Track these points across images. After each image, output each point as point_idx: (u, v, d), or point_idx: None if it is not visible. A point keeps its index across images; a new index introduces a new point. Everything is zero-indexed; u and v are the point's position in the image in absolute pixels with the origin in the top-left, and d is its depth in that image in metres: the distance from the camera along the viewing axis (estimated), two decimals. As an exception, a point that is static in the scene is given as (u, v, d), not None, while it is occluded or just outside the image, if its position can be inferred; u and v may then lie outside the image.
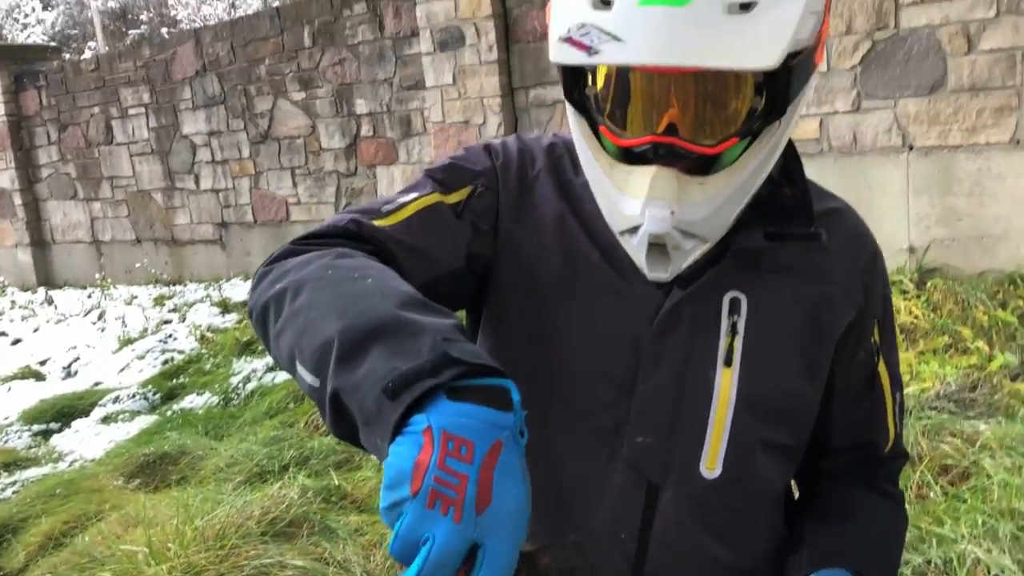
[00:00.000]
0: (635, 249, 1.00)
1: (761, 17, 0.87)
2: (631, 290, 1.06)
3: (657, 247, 0.98)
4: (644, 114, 0.94)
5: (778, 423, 1.10)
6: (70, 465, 5.15)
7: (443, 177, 1.11)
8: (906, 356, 4.43)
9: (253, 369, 6.09)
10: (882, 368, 1.18)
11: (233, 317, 8.04)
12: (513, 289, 1.10)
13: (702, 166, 0.96)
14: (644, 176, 0.94)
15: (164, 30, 24.09)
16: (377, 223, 1.04)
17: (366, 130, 8.23)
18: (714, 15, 0.86)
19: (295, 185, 8.88)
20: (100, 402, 6.15)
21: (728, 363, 1.05)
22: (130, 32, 26.55)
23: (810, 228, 1.06)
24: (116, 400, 6.11)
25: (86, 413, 6.05)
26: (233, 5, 25.80)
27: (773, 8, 0.88)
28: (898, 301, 5.03)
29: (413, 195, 1.09)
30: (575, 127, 1.02)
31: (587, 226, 1.09)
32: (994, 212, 5.16)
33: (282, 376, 5.92)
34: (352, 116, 8.29)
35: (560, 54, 0.93)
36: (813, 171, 4.49)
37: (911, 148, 5.36)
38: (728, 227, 1.01)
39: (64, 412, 6.11)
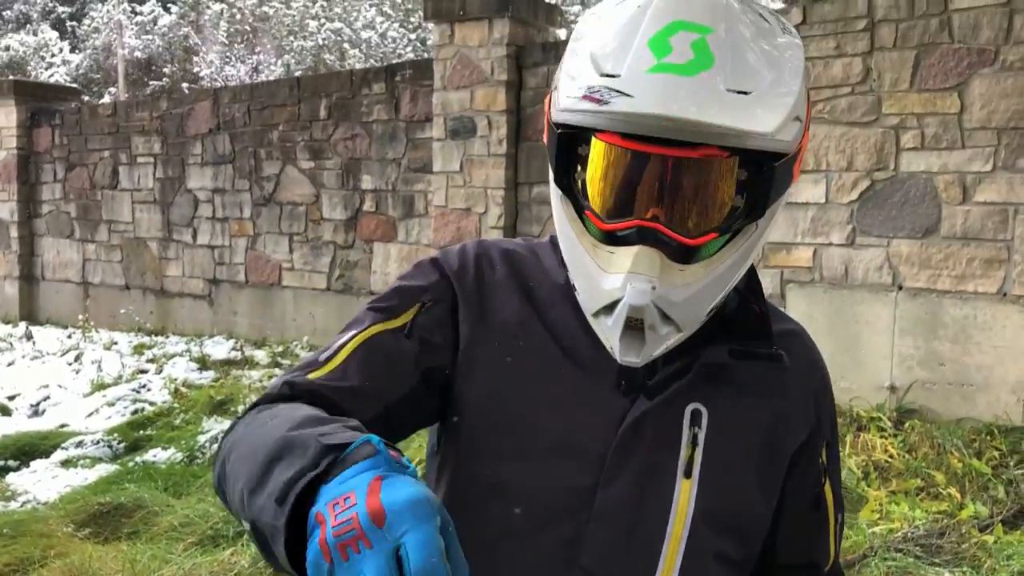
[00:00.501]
0: (609, 331, 1.01)
1: (758, 100, 0.94)
2: (597, 394, 1.08)
3: (632, 329, 0.99)
4: (630, 200, 0.98)
5: (731, 536, 1.12)
6: (22, 506, 5.03)
7: (386, 304, 1.14)
8: (877, 495, 4.41)
9: (222, 429, 5.99)
10: (827, 489, 1.21)
11: (210, 374, 7.97)
12: (475, 395, 1.10)
13: (681, 256, 0.99)
14: (627, 254, 0.98)
15: (185, 85, 24.56)
16: (312, 376, 1.07)
17: (369, 205, 8.33)
18: (718, 88, 0.93)
19: (291, 251, 8.93)
20: (63, 444, 6.04)
21: (688, 475, 1.07)
22: (151, 83, 27.05)
23: (771, 348, 1.10)
24: (79, 444, 6.00)
25: (47, 454, 5.93)
26: (256, 69, 26.39)
27: (768, 96, 0.95)
28: (874, 438, 5.03)
29: (350, 334, 1.11)
30: (560, 210, 1.06)
31: (552, 330, 1.11)
32: (977, 361, 5.20)
33: (251, 440, 5.84)
34: (357, 190, 8.40)
35: (572, 105, 0.97)
36: (803, 300, 4.57)
37: (900, 288, 5.44)
38: (701, 321, 1.04)
39: (25, 451, 5.99)
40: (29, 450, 6.00)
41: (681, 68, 0.93)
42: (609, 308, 1.00)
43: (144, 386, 7.50)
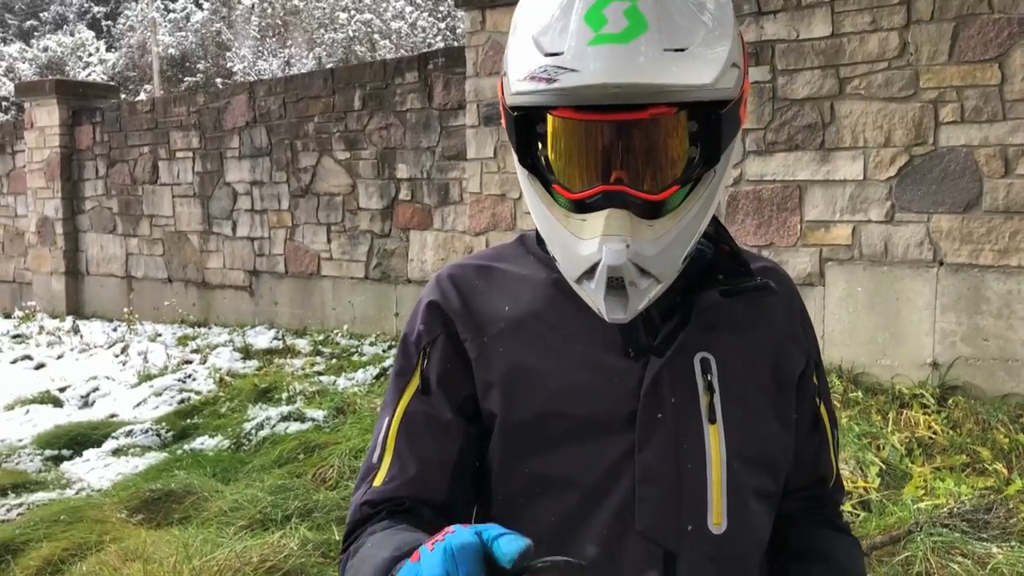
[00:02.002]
0: (593, 293, 1.06)
1: (694, 55, 1.00)
2: (610, 367, 1.12)
3: (614, 289, 1.04)
4: (593, 168, 1.04)
5: (763, 470, 1.17)
6: (77, 493, 5.16)
7: (399, 369, 1.20)
8: (922, 471, 4.38)
9: (267, 417, 6.11)
10: (823, 409, 1.28)
11: (253, 363, 8.09)
12: (497, 404, 1.14)
13: (649, 212, 1.05)
14: (598, 218, 1.03)
15: (219, 80, 24.79)
16: (377, 483, 1.15)
17: (404, 194, 8.39)
18: (654, 52, 0.98)
19: (329, 241, 9.02)
20: (113, 434, 6.18)
21: (712, 420, 1.12)
22: (186, 79, 27.35)
23: (756, 280, 1.16)
24: (129, 434, 6.14)
25: (98, 443, 6.07)
26: (288, 63, 26.56)
27: (703, 48, 1.01)
28: (918, 415, 5.00)
29: (386, 420, 1.18)
30: (528, 189, 1.11)
31: (548, 321, 1.16)
32: (1021, 336, 5.14)
33: (295, 426, 5.93)
34: (392, 179, 8.46)
35: (522, 87, 1.02)
36: (843, 277, 4.56)
37: (941, 264, 5.38)
38: (677, 269, 1.09)
39: (77, 440, 6.14)
40: (81, 440, 6.15)
41: (618, 37, 0.98)
42: (589, 272, 1.04)
43: (189, 376, 7.64)
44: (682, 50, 0.99)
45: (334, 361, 7.91)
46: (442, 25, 28.17)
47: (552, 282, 1.17)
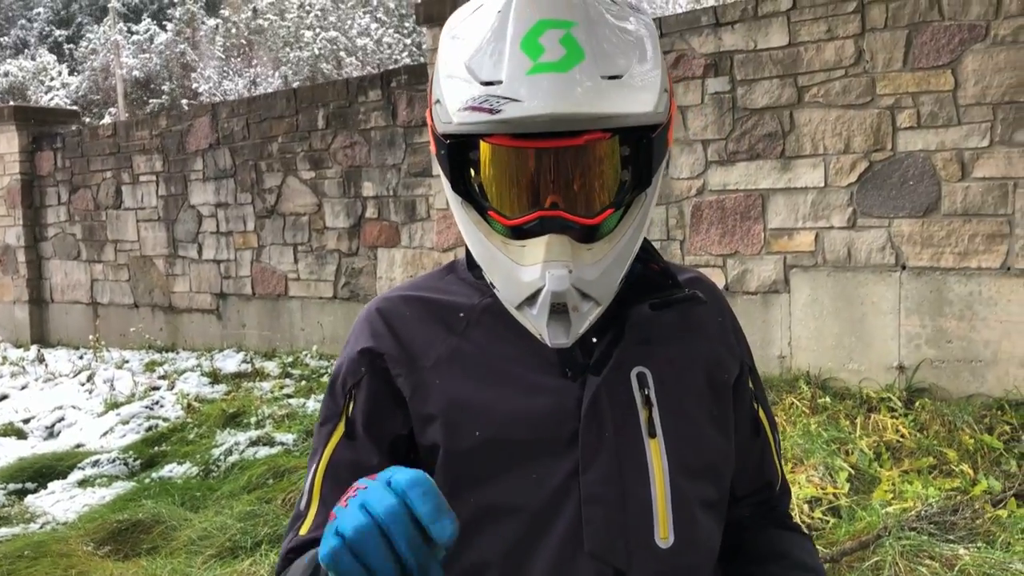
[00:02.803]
0: (535, 319, 1.06)
1: (629, 83, 1.01)
2: (548, 389, 1.12)
3: (557, 314, 1.04)
4: (529, 194, 1.04)
5: (707, 481, 1.18)
6: (42, 527, 5.07)
7: (326, 415, 1.19)
8: (890, 475, 4.41)
9: (236, 442, 6.04)
10: (761, 414, 1.30)
11: (222, 388, 8.01)
12: (437, 437, 1.13)
13: (584, 236, 1.06)
14: (539, 244, 1.04)
15: (184, 102, 24.64)
16: (303, 531, 1.14)
17: (371, 212, 8.36)
18: (594, 79, 0.99)
19: (296, 261, 8.97)
20: (79, 464, 6.08)
21: (652, 435, 1.12)
22: (151, 101, 27.15)
23: (684, 291, 1.18)
24: (96, 464, 6.05)
25: (64, 475, 5.97)
26: (254, 82, 26.46)
27: (638, 78, 1.03)
28: (885, 419, 5.03)
29: (312, 470, 1.18)
30: (462, 216, 1.11)
31: (483, 348, 1.15)
32: (984, 336, 5.20)
33: (264, 451, 5.88)
34: (359, 198, 8.43)
35: (465, 118, 1.01)
36: (807, 284, 4.61)
37: (904, 267, 5.44)
38: (615, 291, 1.10)
39: (42, 472, 6.03)
40: (46, 472, 6.05)
41: (557, 65, 0.98)
42: (531, 298, 1.05)
43: (157, 403, 7.54)
44: (618, 77, 1.00)
45: (303, 383, 7.85)
46: (408, 41, 28.21)
47: (484, 307, 1.17)
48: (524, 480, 1.10)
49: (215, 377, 8.34)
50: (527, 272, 1.03)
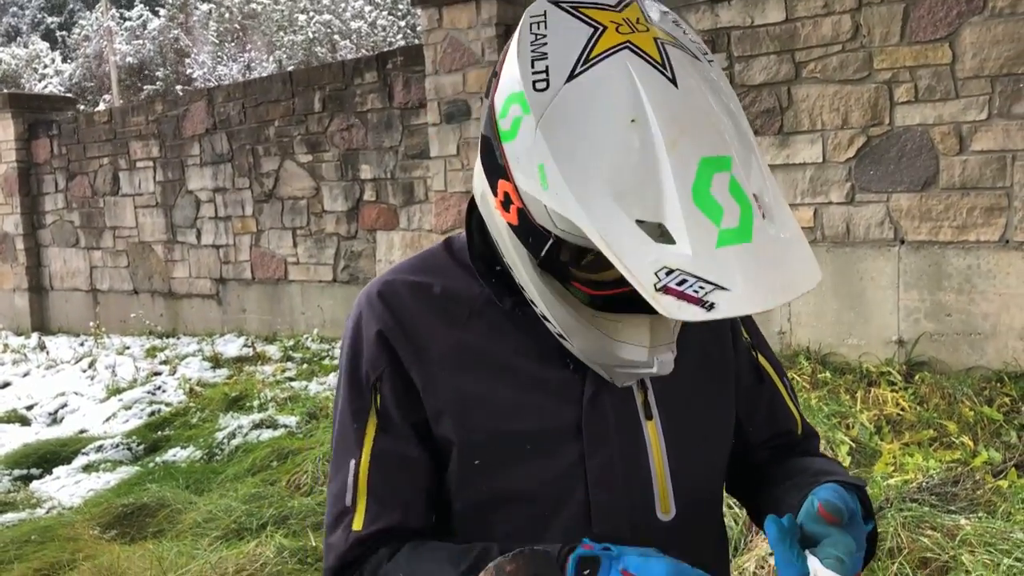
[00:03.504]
0: (615, 374, 1.09)
1: (793, 234, 0.93)
2: (551, 379, 1.14)
3: None
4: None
5: (708, 448, 1.21)
6: (47, 512, 5.10)
7: (354, 409, 1.16)
8: (891, 448, 4.44)
9: (239, 425, 6.06)
10: (762, 360, 1.30)
11: (223, 372, 8.03)
12: (448, 429, 1.14)
13: None
14: (641, 325, 1.03)
15: (179, 88, 24.54)
16: (357, 528, 1.13)
17: (369, 195, 8.35)
18: (771, 242, 0.90)
19: (295, 245, 8.97)
20: (83, 450, 6.11)
21: (649, 416, 1.15)
22: (145, 88, 27.03)
23: None
24: (99, 449, 6.07)
25: (68, 460, 6.00)
26: (248, 67, 26.34)
27: (779, 207, 0.94)
28: (885, 393, 5.06)
29: (352, 464, 1.15)
30: (541, 285, 1.05)
31: (486, 339, 1.15)
32: (983, 309, 5.22)
33: (268, 433, 5.90)
34: (356, 181, 8.42)
35: (669, 308, 0.86)
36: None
37: (903, 242, 5.45)
38: None
39: (46, 458, 6.07)
40: (51, 458, 6.08)
41: (740, 234, 0.87)
42: (624, 364, 1.06)
43: (159, 388, 7.57)
44: (767, 217, 0.90)
45: (305, 366, 7.87)
46: (402, 23, 28.06)
47: (485, 298, 1.16)
48: (532, 469, 1.13)
49: (216, 361, 8.36)
50: (630, 351, 1.04)
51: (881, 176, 5.48)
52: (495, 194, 1.03)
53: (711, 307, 0.85)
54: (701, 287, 0.85)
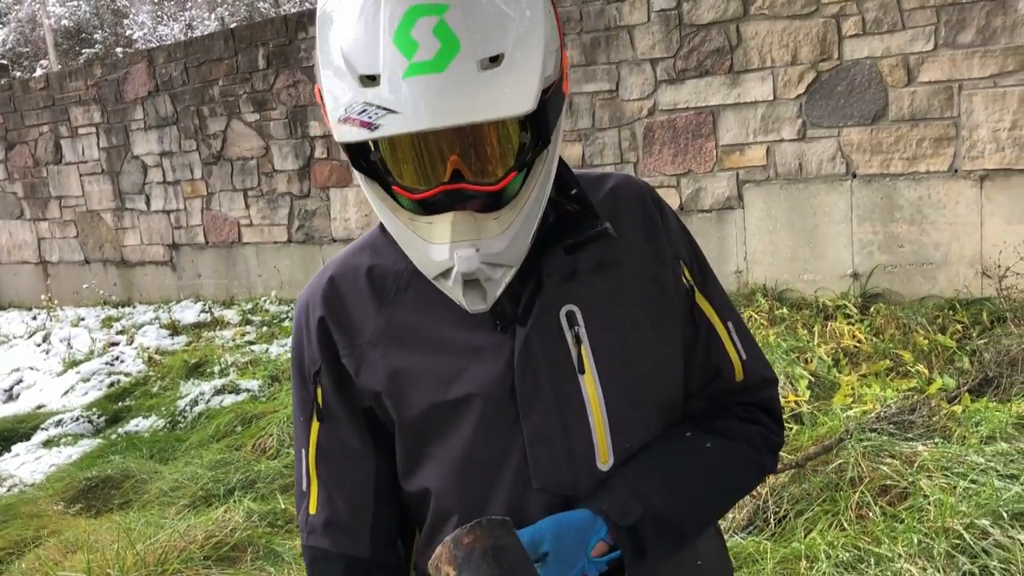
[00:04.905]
0: (450, 290, 1.09)
1: (510, 67, 0.97)
2: (482, 344, 1.15)
3: (471, 283, 1.07)
4: (429, 168, 1.03)
5: (652, 392, 1.21)
6: (9, 490, 5.03)
7: (299, 400, 1.26)
8: (849, 379, 4.51)
9: (201, 392, 6.01)
10: (702, 302, 1.27)
11: (182, 339, 7.94)
12: (393, 404, 1.19)
13: (490, 203, 1.07)
14: (444, 223, 1.04)
15: (119, 50, 23.85)
16: (312, 512, 1.26)
17: (320, 152, 8.22)
18: (470, 74, 0.95)
19: (247, 207, 8.82)
20: (42, 425, 6.02)
21: (582, 371, 1.16)
22: (84, 51, 26.23)
23: (596, 226, 1.16)
24: (59, 423, 5.99)
25: (27, 437, 5.92)
26: (190, 27, 25.65)
27: (518, 57, 0.98)
28: (842, 326, 5.13)
29: (302, 452, 1.27)
30: (369, 191, 1.10)
31: (416, 312, 1.18)
32: (934, 239, 5.29)
33: (230, 399, 5.85)
34: (306, 138, 8.27)
35: (344, 135, 0.99)
36: (761, 198, 4.63)
37: (854, 176, 5.49)
38: (526, 251, 1.11)
39: (4, 436, 5.97)
40: (9, 435, 5.99)
41: (432, 65, 0.95)
42: (445, 273, 1.07)
43: (117, 358, 7.47)
44: (498, 58, 0.97)
45: (265, 329, 7.80)
46: (345, -26, 27.36)
47: (412, 271, 1.17)
48: (472, 435, 1.16)
49: (174, 329, 8.25)
50: (436, 251, 1.05)
51: (831, 111, 5.50)
52: None
53: (376, 128, 0.96)
54: (376, 113, 0.96)
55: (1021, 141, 4.98)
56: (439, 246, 1.05)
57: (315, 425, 1.23)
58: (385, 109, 0.96)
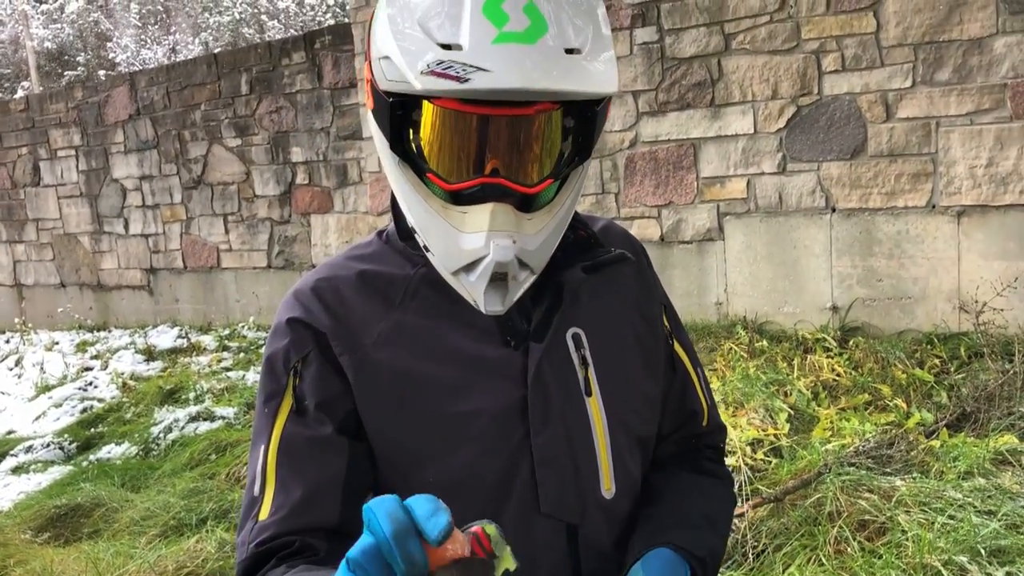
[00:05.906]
0: (472, 285, 1.05)
1: (589, 59, 0.99)
2: (492, 359, 1.12)
3: (494, 282, 1.04)
4: (471, 159, 1.02)
5: (639, 429, 1.22)
6: (-25, 517, 4.93)
7: (268, 393, 1.13)
8: (827, 413, 4.51)
9: (175, 419, 5.93)
10: (678, 348, 1.30)
11: (158, 365, 7.85)
12: (388, 418, 1.11)
13: (523, 205, 1.05)
14: (483, 212, 1.02)
15: (102, 73, 23.80)
16: (262, 517, 1.08)
17: (301, 178, 8.20)
18: (557, 53, 0.96)
19: (227, 232, 8.77)
20: (12, 452, 5.92)
21: (589, 393, 1.15)
22: (66, 74, 26.17)
23: (611, 251, 1.20)
24: (29, 449, 5.89)
25: (-4, 463, 5.81)
26: (174, 51, 25.67)
27: (594, 52, 1.00)
28: (821, 359, 5.14)
29: (261, 449, 1.11)
30: (398, 176, 1.08)
31: (423, 320, 1.14)
32: (912, 273, 5.32)
33: (205, 426, 5.78)
34: (288, 164, 8.26)
35: (430, 84, 0.96)
36: (741, 230, 4.64)
37: (834, 210, 5.52)
38: (547, 260, 1.11)
39: (-28, 462, 5.86)
40: (-23, 461, 5.87)
41: (523, 36, 0.95)
42: (471, 265, 1.04)
43: (91, 383, 7.37)
44: (578, 51, 0.98)
45: (242, 355, 7.73)
46: (331, 2, 27.57)
47: (420, 278, 1.15)
48: (477, 452, 1.11)
49: (150, 354, 8.16)
50: (469, 239, 1.02)
51: (811, 145, 5.54)
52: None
53: (466, 81, 0.93)
54: (464, 69, 0.94)
55: (997, 178, 5.03)
56: (473, 235, 1.02)
57: (282, 415, 1.11)
58: (474, 67, 0.94)
